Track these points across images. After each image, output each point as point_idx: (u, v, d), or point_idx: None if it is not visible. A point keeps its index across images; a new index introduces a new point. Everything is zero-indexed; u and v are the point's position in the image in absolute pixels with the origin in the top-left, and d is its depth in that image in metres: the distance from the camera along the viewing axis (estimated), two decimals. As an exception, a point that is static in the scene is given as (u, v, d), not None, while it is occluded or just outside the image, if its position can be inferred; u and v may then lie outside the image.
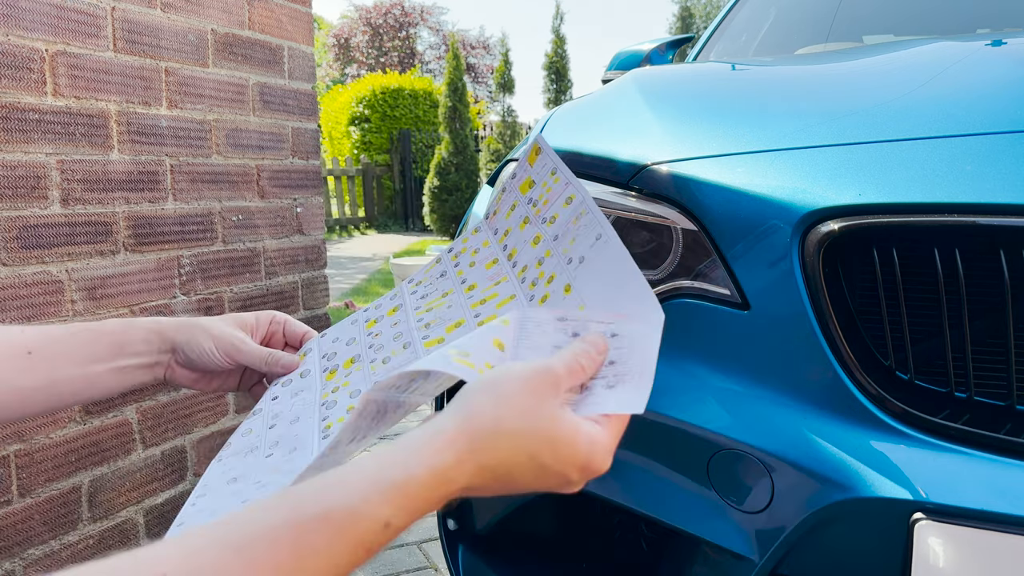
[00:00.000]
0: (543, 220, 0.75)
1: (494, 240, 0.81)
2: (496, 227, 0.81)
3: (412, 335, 0.76)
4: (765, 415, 0.81)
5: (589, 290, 0.66)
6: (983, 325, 0.76)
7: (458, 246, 0.84)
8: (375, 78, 13.50)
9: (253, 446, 0.73)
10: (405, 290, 0.84)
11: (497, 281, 0.77)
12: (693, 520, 0.85)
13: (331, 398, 0.75)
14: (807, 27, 2.14)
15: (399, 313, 0.81)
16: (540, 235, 0.74)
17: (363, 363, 0.78)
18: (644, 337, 0.59)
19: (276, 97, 2.00)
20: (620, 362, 0.58)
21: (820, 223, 0.80)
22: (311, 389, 0.78)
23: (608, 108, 1.25)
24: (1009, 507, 0.68)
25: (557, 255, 0.71)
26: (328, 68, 28.62)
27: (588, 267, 0.68)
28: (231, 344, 0.79)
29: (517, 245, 0.77)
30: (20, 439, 1.41)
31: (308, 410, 0.75)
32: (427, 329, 0.76)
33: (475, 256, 0.81)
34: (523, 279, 0.74)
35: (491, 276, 0.78)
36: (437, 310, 0.78)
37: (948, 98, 0.94)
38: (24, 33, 1.39)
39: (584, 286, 0.67)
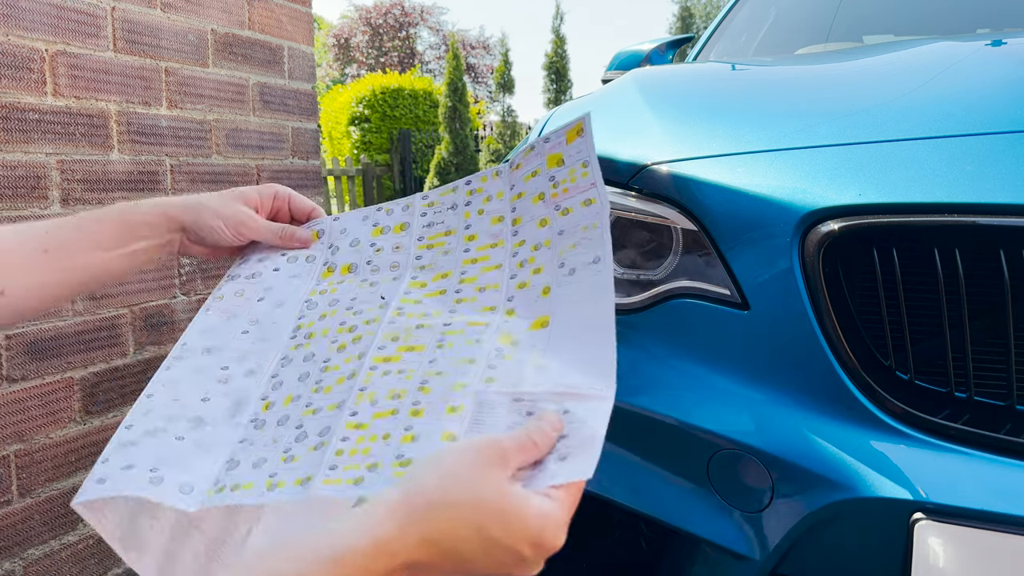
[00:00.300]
0: (556, 207, 0.73)
1: (508, 195, 0.79)
2: (514, 182, 0.79)
3: (403, 276, 0.77)
4: (765, 415, 0.81)
5: (560, 322, 0.65)
6: (983, 325, 0.76)
7: (476, 183, 0.82)
8: (375, 78, 13.50)
9: (236, 312, 0.77)
10: (416, 208, 0.83)
11: (494, 243, 0.76)
12: (693, 520, 0.85)
13: (315, 299, 0.77)
14: (807, 27, 2.13)
15: (404, 235, 0.81)
16: (548, 220, 0.73)
17: (355, 278, 0.79)
18: (595, 411, 0.58)
19: (276, 97, 2.00)
20: (571, 435, 0.57)
21: (820, 223, 0.80)
22: (307, 278, 0.80)
23: (608, 108, 1.25)
24: (1009, 507, 0.68)
25: (554, 251, 0.71)
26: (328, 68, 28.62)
27: (573, 287, 0.67)
28: (239, 221, 0.80)
29: (524, 215, 0.76)
30: (20, 439, 1.41)
31: (293, 299, 0.78)
32: (420, 272, 0.77)
33: (486, 204, 0.79)
34: (515, 253, 0.74)
35: (492, 234, 0.77)
36: (435, 251, 0.78)
37: (948, 98, 0.94)
38: (24, 33, 1.39)
39: (559, 309, 0.66)
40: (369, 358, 0.68)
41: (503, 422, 0.59)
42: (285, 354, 0.74)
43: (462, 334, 0.68)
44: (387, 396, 0.64)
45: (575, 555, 1.08)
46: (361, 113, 12.95)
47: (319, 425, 0.65)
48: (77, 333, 1.50)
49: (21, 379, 1.40)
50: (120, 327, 1.58)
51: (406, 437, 0.60)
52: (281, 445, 0.65)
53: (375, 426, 0.62)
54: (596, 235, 0.69)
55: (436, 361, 0.66)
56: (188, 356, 0.73)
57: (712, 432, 0.83)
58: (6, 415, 1.39)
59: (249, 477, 0.63)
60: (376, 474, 0.58)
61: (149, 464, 0.63)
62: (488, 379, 0.63)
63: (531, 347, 0.65)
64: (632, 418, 0.90)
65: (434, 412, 0.61)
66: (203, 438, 0.66)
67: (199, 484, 0.63)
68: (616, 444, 0.93)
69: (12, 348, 1.39)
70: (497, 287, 0.72)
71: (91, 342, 1.53)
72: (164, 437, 0.66)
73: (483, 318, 0.69)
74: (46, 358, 1.45)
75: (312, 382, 0.70)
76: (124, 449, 0.65)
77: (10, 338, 1.39)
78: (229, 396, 0.70)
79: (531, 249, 0.73)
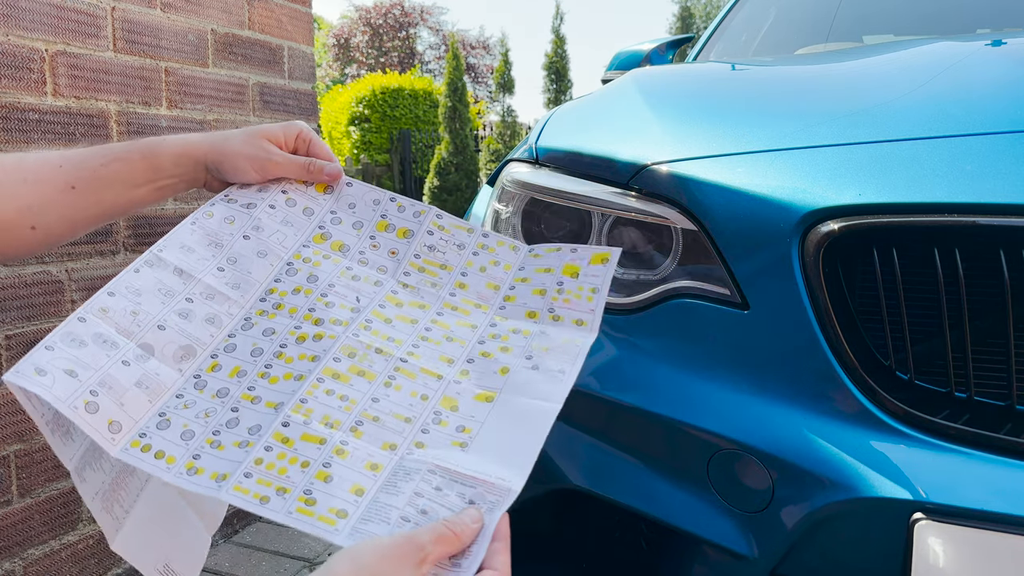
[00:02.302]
0: (550, 310, 0.75)
1: (514, 272, 0.80)
2: (525, 265, 0.80)
3: (385, 284, 0.77)
4: (765, 415, 0.81)
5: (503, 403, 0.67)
6: (983, 325, 0.76)
7: (492, 240, 0.82)
8: (375, 78, 13.49)
9: (220, 241, 0.77)
10: (427, 221, 0.83)
11: (479, 304, 0.77)
12: (693, 520, 0.85)
13: (296, 265, 0.77)
14: (807, 27, 2.14)
15: (404, 242, 0.81)
16: (537, 315, 0.75)
17: (342, 261, 0.78)
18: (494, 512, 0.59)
19: (276, 97, 2.00)
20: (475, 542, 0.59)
21: (820, 223, 0.80)
22: (297, 231, 0.80)
23: (608, 108, 1.25)
24: (1009, 507, 0.68)
25: (529, 343, 0.72)
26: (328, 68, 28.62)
27: (530, 377, 0.68)
28: (264, 159, 0.80)
29: (519, 298, 0.77)
30: (20, 439, 1.41)
31: (276, 252, 0.78)
32: (402, 290, 0.77)
33: (491, 267, 0.80)
34: (494, 324, 0.75)
35: (482, 296, 0.78)
36: (424, 276, 0.78)
37: (948, 98, 0.94)
38: (24, 33, 1.39)
39: (508, 391, 0.68)
40: (320, 367, 0.68)
41: (410, 488, 0.61)
42: (249, 315, 0.73)
43: (413, 379, 0.69)
44: (321, 421, 0.65)
45: (575, 555, 1.08)
46: (361, 113, 12.95)
47: (252, 420, 0.65)
48: (77, 333, 1.50)
49: (21, 379, 1.40)
50: (120, 327, 1.58)
51: (321, 474, 0.61)
52: (211, 424, 0.65)
53: (300, 448, 0.63)
54: (572, 353, 0.71)
55: (379, 401, 0.67)
56: (159, 267, 0.72)
57: (712, 432, 0.83)
58: (6, 415, 1.39)
59: (173, 449, 0.63)
60: (282, 499, 0.59)
61: (92, 383, 0.63)
62: (418, 443, 0.64)
63: (468, 418, 0.66)
64: (632, 418, 0.90)
65: (355, 460, 0.62)
66: (146, 376, 0.66)
67: (127, 425, 0.63)
68: (616, 444, 0.93)
69: (12, 348, 1.39)
70: (464, 344, 0.73)
71: (91, 342, 1.52)
72: (113, 354, 0.65)
73: (438, 368, 0.70)
74: (46, 358, 1.44)
75: (262, 364, 0.70)
76: (72, 345, 0.64)
77: (10, 338, 1.39)
78: (183, 336, 0.70)
79: (510, 331, 0.74)
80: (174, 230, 0.76)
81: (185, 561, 0.74)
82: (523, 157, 1.18)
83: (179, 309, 0.71)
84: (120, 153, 0.78)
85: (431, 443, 0.64)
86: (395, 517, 0.58)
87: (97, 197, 0.77)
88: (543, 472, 0.98)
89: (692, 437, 0.85)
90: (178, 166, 0.80)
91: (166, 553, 0.72)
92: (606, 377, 0.94)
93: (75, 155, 0.77)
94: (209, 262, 0.75)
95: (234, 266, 0.75)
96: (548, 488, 0.98)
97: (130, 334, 0.67)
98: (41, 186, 0.74)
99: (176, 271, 0.73)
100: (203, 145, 0.80)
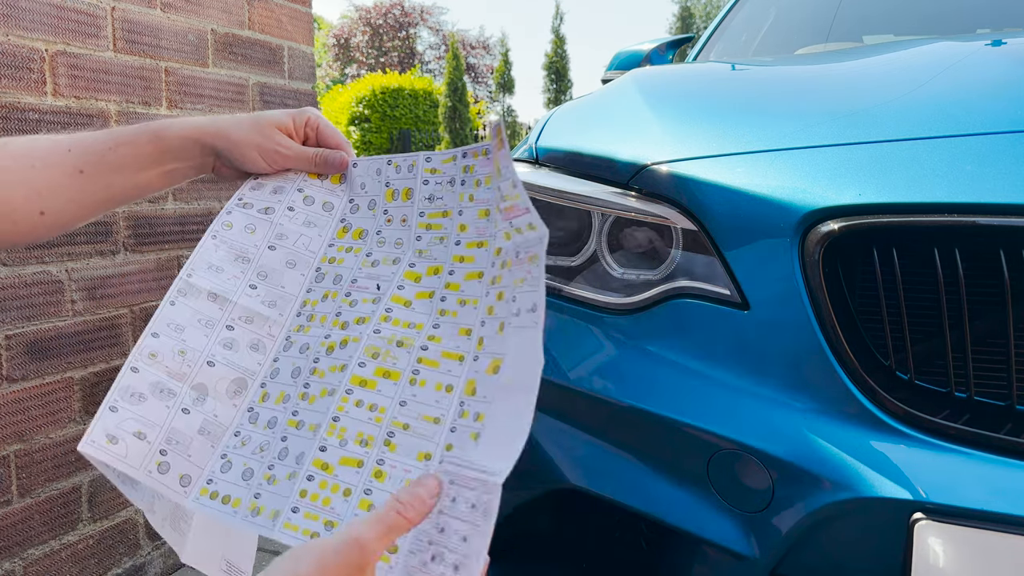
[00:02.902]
0: (511, 223, 0.70)
1: (497, 187, 0.73)
2: (506, 167, 0.72)
3: (403, 259, 0.75)
4: (765, 415, 0.81)
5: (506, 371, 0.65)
6: (983, 325, 0.76)
7: (469, 158, 0.77)
8: (375, 78, 13.49)
9: (246, 253, 0.75)
10: (420, 171, 0.80)
11: (480, 241, 0.74)
12: (693, 520, 0.85)
13: (323, 269, 0.76)
14: (807, 27, 2.14)
15: (409, 204, 0.79)
16: (509, 235, 0.70)
17: (363, 248, 0.77)
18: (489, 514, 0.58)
19: (276, 97, 2.00)
20: (469, 539, 0.58)
21: (820, 223, 0.80)
22: (321, 231, 0.78)
23: (608, 108, 1.25)
24: (1009, 507, 0.68)
25: (511, 276, 0.68)
26: (328, 68, 28.62)
27: (518, 335, 0.65)
28: (273, 149, 0.80)
29: (498, 222, 0.72)
30: (20, 439, 1.41)
31: (305, 259, 0.77)
32: (418, 259, 0.75)
33: (476, 189, 0.75)
34: (492, 263, 0.71)
35: (478, 229, 0.74)
36: (432, 234, 0.76)
37: (948, 98, 0.94)
38: (24, 33, 1.39)
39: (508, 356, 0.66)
40: (348, 377, 0.68)
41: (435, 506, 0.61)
42: (288, 334, 0.73)
43: (436, 368, 0.68)
44: (355, 440, 0.65)
45: (575, 555, 1.08)
46: (361, 113, 12.95)
47: (297, 447, 0.66)
48: (77, 333, 1.50)
49: (21, 379, 1.40)
50: (120, 327, 1.58)
51: (364, 503, 0.61)
52: (267, 458, 0.66)
53: (340, 474, 0.63)
54: (536, 274, 0.66)
55: (406, 404, 0.66)
56: (193, 295, 0.72)
57: (712, 432, 0.83)
58: (6, 415, 1.39)
59: (237, 491, 0.65)
60: (331, 534, 0.59)
61: (160, 442, 0.65)
62: (448, 445, 0.64)
63: (482, 400, 0.66)
64: (632, 418, 0.90)
65: (393, 481, 0.62)
66: (207, 421, 0.67)
67: (195, 475, 0.65)
68: (616, 444, 0.93)
69: (12, 348, 1.39)
70: (476, 303, 0.71)
71: (91, 342, 1.53)
72: (172, 403, 0.67)
73: (459, 347, 0.69)
74: (46, 358, 1.45)
75: (301, 384, 0.70)
76: (133, 401, 0.66)
77: (10, 338, 1.39)
78: (232, 368, 0.70)
79: (500, 266, 0.70)
80: (198, 248, 0.75)
81: (241, 554, 0.75)
82: (523, 157, 1.18)
83: (223, 339, 0.71)
84: (128, 136, 0.78)
85: (458, 442, 0.64)
86: (425, 543, 0.59)
87: (106, 181, 0.76)
88: (543, 472, 0.98)
89: (692, 437, 0.85)
90: (185, 149, 0.79)
91: (224, 551, 0.74)
92: (606, 377, 0.94)
93: (84, 139, 0.77)
94: (240, 280, 0.74)
95: (266, 281, 0.75)
96: (548, 488, 0.98)
97: (183, 376, 0.68)
98: (50, 170, 0.74)
99: (210, 296, 0.72)
100: (210, 129, 0.79)
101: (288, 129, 0.81)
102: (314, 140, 0.83)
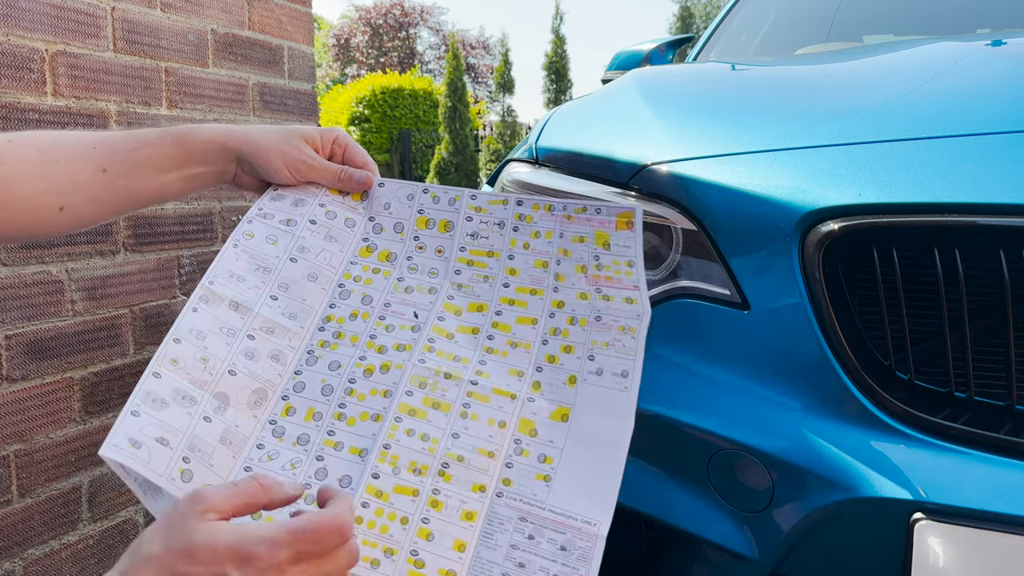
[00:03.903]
0: (598, 289, 0.73)
1: (555, 241, 0.76)
2: (563, 231, 0.77)
3: (440, 289, 0.76)
4: (765, 415, 0.81)
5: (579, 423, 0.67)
6: (983, 325, 0.76)
7: (527, 207, 0.78)
8: (375, 78, 13.50)
9: (267, 265, 0.75)
10: (463, 207, 0.80)
11: (534, 290, 0.75)
12: (693, 520, 0.85)
13: (348, 285, 0.76)
14: (807, 27, 2.14)
15: (447, 236, 0.79)
16: (588, 296, 0.73)
17: (392, 271, 0.77)
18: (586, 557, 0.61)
19: (276, 97, 2.00)
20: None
21: (820, 223, 0.80)
22: (343, 246, 0.78)
23: (608, 108, 1.25)
24: (1009, 507, 0.68)
25: (587, 335, 0.71)
26: (328, 68, 28.62)
27: (598, 392, 0.68)
28: (299, 161, 0.79)
29: (566, 276, 0.75)
30: (20, 439, 1.41)
31: (327, 274, 0.76)
32: (457, 293, 0.75)
33: (533, 240, 0.77)
34: (552, 315, 0.73)
35: (533, 278, 0.76)
36: (475, 271, 0.77)
37: (948, 98, 0.94)
38: (24, 33, 1.39)
39: (581, 409, 0.68)
40: (395, 404, 0.68)
41: (505, 541, 0.62)
42: (311, 347, 0.73)
43: (487, 403, 0.69)
44: (408, 468, 0.65)
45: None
46: (361, 113, 12.95)
47: (340, 469, 0.66)
48: (77, 333, 1.50)
49: (21, 379, 1.40)
50: (120, 327, 1.58)
51: (423, 531, 0.62)
52: (301, 476, 0.65)
53: (395, 502, 0.63)
54: (631, 345, 0.70)
55: (459, 437, 0.67)
56: (215, 303, 0.72)
57: (712, 432, 0.83)
58: (6, 415, 1.39)
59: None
60: (392, 562, 0.60)
61: (183, 449, 0.64)
62: (505, 480, 0.65)
63: (548, 444, 0.67)
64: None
65: (450, 512, 0.63)
66: (228, 430, 0.67)
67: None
68: (616, 444, 0.93)
69: (12, 348, 1.39)
70: (528, 347, 0.72)
71: (91, 342, 1.53)
72: (194, 411, 0.66)
73: (510, 385, 0.70)
74: (46, 358, 1.45)
75: (335, 404, 0.69)
76: (155, 407, 0.65)
77: (10, 338, 1.39)
78: (253, 379, 0.70)
79: (567, 321, 0.72)
80: (219, 256, 0.75)
81: None
82: (523, 157, 1.18)
83: (244, 349, 0.71)
84: (152, 138, 0.78)
85: (517, 478, 0.65)
86: (497, 574, 0.61)
87: (127, 181, 0.76)
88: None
89: (692, 437, 0.85)
90: (209, 153, 0.78)
91: None
92: (606, 377, 0.93)
93: (109, 138, 0.77)
94: (261, 290, 0.74)
95: (287, 293, 0.75)
96: (548, 488, 0.98)
97: (204, 384, 0.68)
98: (73, 166, 0.74)
99: (232, 304, 0.72)
100: (237, 134, 0.79)
101: (315, 143, 0.81)
102: (340, 158, 0.83)
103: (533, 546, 0.61)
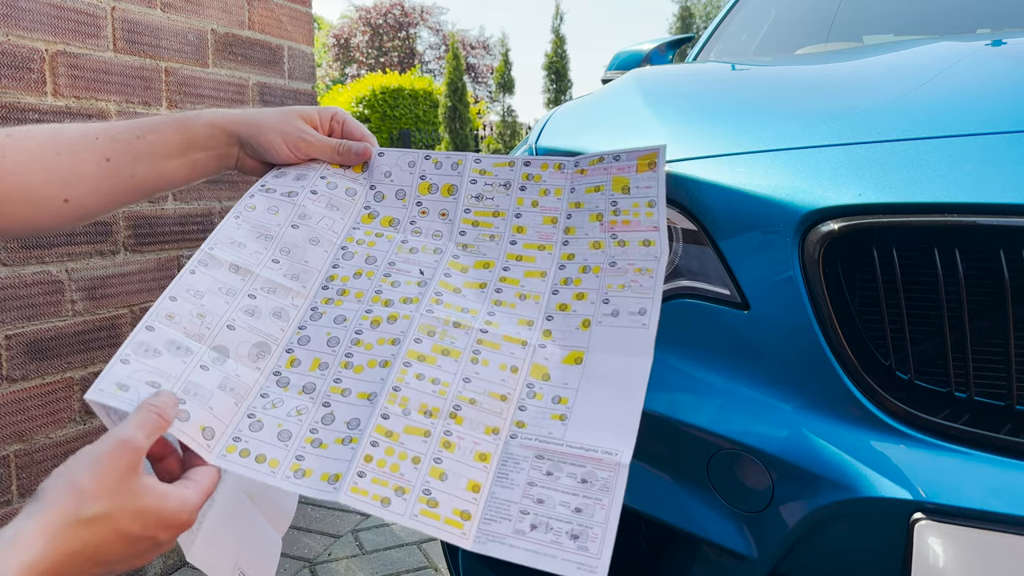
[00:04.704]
0: (613, 235, 0.72)
1: (566, 196, 0.76)
2: (575, 186, 0.76)
3: (444, 250, 0.75)
4: (765, 415, 0.81)
5: (593, 364, 0.66)
6: (983, 325, 0.76)
7: (535, 167, 0.79)
8: (375, 78, 13.50)
9: (268, 232, 0.75)
10: (467, 170, 0.80)
11: (542, 245, 0.74)
12: (693, 520, 0.85)
13: (351, 248, 0.76)
14: (807, 27, 2.14)
15: (451, 200, 0.79)
16: (602, 244, 0.72)
17: (395, 235, 0.77)
18: (609, 487, 0.60)
19: (276, 97, 2.00)
20: (586, 511, 0.59)
21: (820, 223, 0.80)
22: (344, 214, 0.79)
23: (608, 108, 1.25)
24: (1009, 507, 0.68)
25: (601, 280, 0.70)
26: (328, 68, 28.62)
27: (613, 331, 0.67)
28: (299, 139, 0.80)
29: (578, 229, 0.74)
30: (20, 439, 1.41)
31: (328, 238, 0.76)
32: (462, 252, 0.75)
33: (542, 198, 0.77)
34: (562, 266, 0.72)
35: (542, 234, 0.75)
36: (480, 230, 0.77)
37: (948, 98, 0.94)
38: (24, 33, 1.39)
39: (595, 350, 0.66)
40: (404, 350, 0.67)
41: (522, 480, 0.61)
42: (315, 304, 0.72)
43: (498, 350, 0.68)
44: (419, 410, 0.64)
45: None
46: (361, 113, 12.96)
47: (348, 413, 0.64)
48: (77, 333, 1.50)
49: (21, 379, 1.40)
50: (120, 327, 1.58)
51: (435, 470, 0.61)
52: (307, 421, 0.64)
53: (406, 442, 0.62)
54: (648, 284, 0.69)
55: (470, 381, 0.66)
56: (214, 266, 0.71)
57: (712, 432, 0.83)
58: (6, 415, 1.39)
59: (273, 451, 0.62)
60: (403, 500, 0.59)
61: (177, 391, 0.62)
62: (518, 423, 0.64)
63: (562, 386, 0.66)
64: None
65: (463, 452, 0.62)
66: (228, 378, 0.65)
67: (219, 430, 0.62)
68: (616, 444, 0.93)
69: (12, 348, 1.39)
70: (538, 299, 0.71)
71: (91, 342, 1.53)
72: (190, 359, 0.64)
73: (520, 333, 0.69)
74: (46, 358, 1.45)
75: (342, 353, 0.69)
76: (147, 356, 0.63)
77: (10, 338, 1.39)
78: (254, 333, 0.69)
79: (579, 270, 0.72)
80: (220, 226, 0.74)
81: (258, 564, 0.73)
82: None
83: (244, 306, 0.70)
84: (155, 125, 0.78)
85: (531, 420, 0.64)
86: (515, 512, 0.59)
87: (131, 170, 0.77)
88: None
89: (692, 437, 0.85)
90: (211, 138, 0.79)
91: (238, 558, 0.72)
92: (606, 377, 0.93)
93: (111, 127, 0.78)
94: (262, 255, 0.74)
95: (288, 256, 0.75)
96: (548, 488, 0.98)
97: (201, 337, 0.66)
98: (75, 157, 0.74)
99: (232, 267, 0.72)
100: (237, 117, 0.80)
101: (313, 120, 0.82)
102: (339, 134, 0.84)
103: (552, 482, 0.60)
